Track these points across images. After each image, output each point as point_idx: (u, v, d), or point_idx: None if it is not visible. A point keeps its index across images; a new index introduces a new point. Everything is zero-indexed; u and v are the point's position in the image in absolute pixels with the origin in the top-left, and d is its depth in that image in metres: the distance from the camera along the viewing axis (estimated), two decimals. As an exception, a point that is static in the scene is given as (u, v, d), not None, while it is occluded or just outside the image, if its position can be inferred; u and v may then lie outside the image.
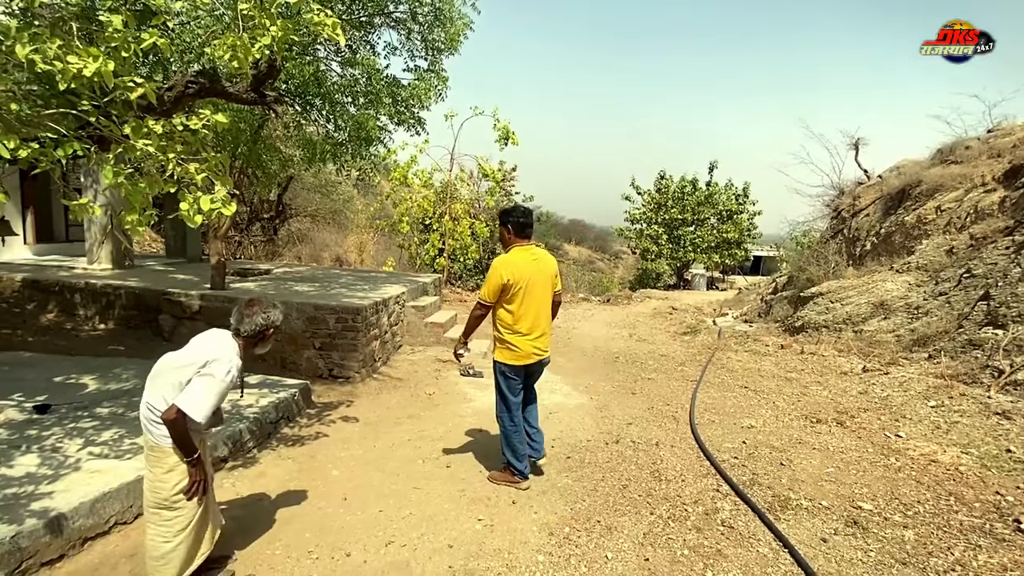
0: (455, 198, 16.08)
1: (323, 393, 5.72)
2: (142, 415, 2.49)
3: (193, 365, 2.40)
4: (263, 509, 3.49)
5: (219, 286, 6.59)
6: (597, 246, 52.97)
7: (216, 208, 3.24)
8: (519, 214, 3.65)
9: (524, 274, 3.56)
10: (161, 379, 2.44)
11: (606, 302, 15.42)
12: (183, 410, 2.32)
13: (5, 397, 4.45)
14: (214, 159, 3.36)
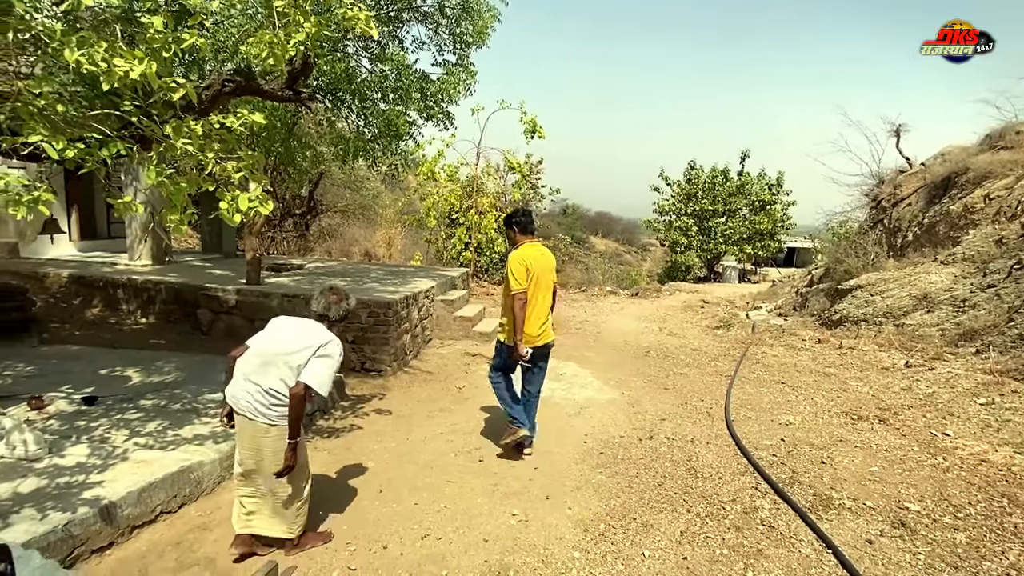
0: (481, 192, 16.08)
1: (356, 386, 5.80)
2: (255, 402, 2.68)
3: (308, 349, 2.67)
4: (301, 500, 3.55)
5: (255, 281, 6.72)
6: (624, 239, 52.43)
7: (254, 206, 3.30)
8: (521, 215, 4.10)
9: (536, 265, 3.93)
10: (275, 367, 2.68)
11: (634, 295, 15.26)
12: (311, 386, 2.61)
13: (55, 389, 4.63)
14: (251, 157, 3.41)
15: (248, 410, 2.70)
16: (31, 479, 3.19)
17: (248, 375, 2.71)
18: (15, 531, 2.65)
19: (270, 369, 2.68)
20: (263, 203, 3.32)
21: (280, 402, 2.68)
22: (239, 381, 2.74)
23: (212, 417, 4.28)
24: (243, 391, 2.71)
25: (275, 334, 2.81)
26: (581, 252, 39.09)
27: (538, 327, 4.02)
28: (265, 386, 2.67)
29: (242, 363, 2.76)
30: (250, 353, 2.77)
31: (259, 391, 2.67)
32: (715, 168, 22.15)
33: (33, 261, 7.72)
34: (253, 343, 2.83)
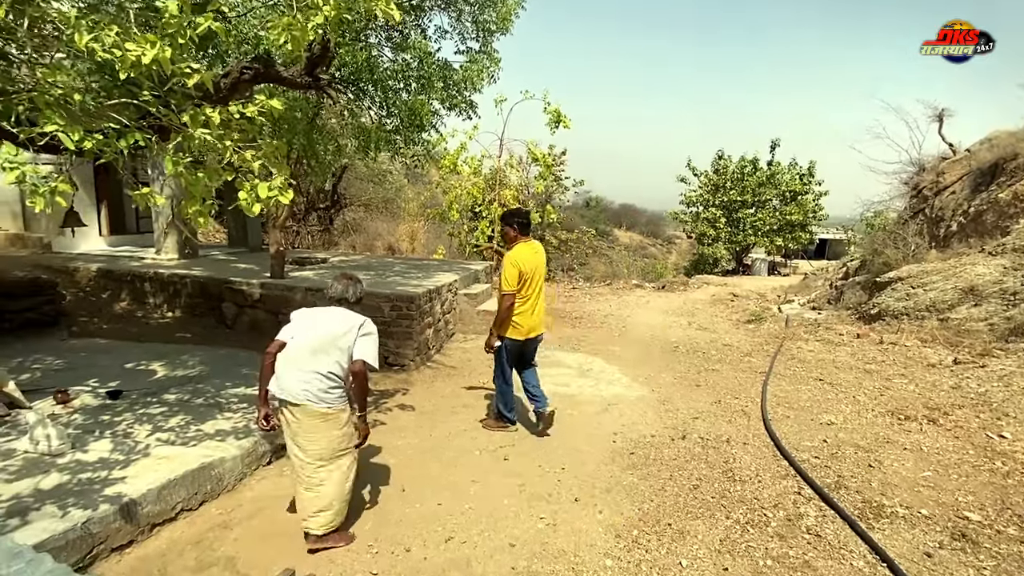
0: (504, 184, 15.91)
1: (379, 381, 5.71)
2: (314, 389, 2.78)
3: (353, 330, 2.85)
4: (322, 499, 3.46)
5: (279, 275, 6.69)
6: (649, 231, 51.72)
7: (274, 196, 3.19)
8: (522, 216, 4.29)
9: (531, 265, 4.16)
10: (328, 353, 2.81)
11: (661, 288, 14.94)
12: (367, 361, 2.83)
13: (82, 382, 4.64)
14: (270, 146, 3.30)
15: (306, 398, 2.78)
16: (53, 475, 3.16)
17: (303, 365, 2.79)
18: (34, 528, 2.60)
19: (324, 355, 2.80)
20: (283, 192, 3.22)
21: (337, 384, 2.84)
22: (292, 373, 2.79)
23: (235, 412, 4.24)
24: (299, 381, 2.78)
25: (316, 322, 2.90)
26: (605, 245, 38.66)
27: (536, 321, 4.33)
28: (324, 371, 2.78)
29: (291, 357, 2.82)
30: (298, 345, 2.83)
31: (317, 377, 2.78)
32: (744, 158, 21.57)
33: (64, 256, 7.84)
34: (294, 335, 2.88)
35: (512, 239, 4.23)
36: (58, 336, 5.97)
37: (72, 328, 6.14)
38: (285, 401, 2.83)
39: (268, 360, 2.87)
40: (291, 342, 2.86)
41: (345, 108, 6.33)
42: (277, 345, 2.89)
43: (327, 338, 2.82)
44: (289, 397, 2.80)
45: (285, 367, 2.81)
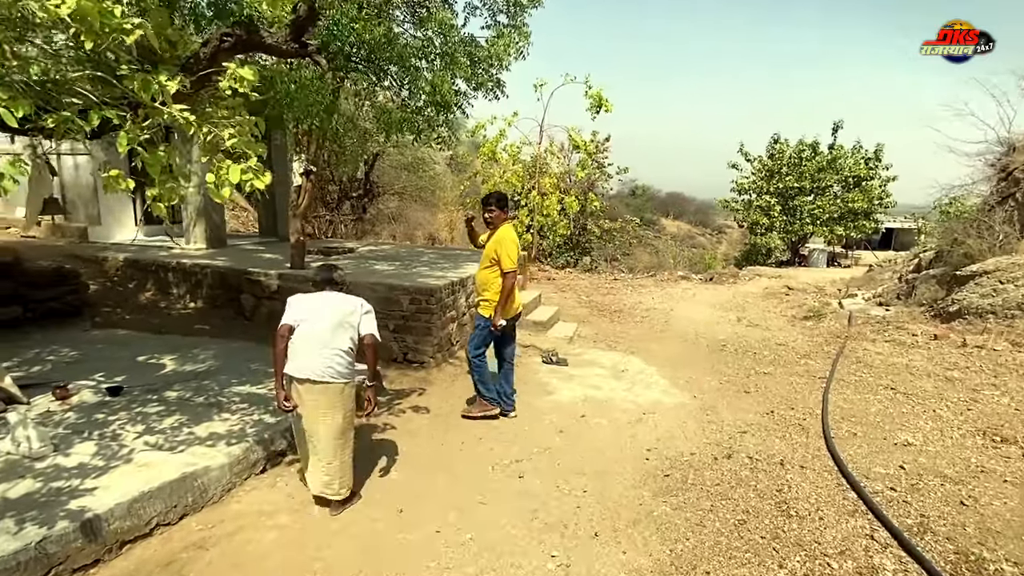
0: (544, 172, 15.34)
1: (396, 379, 5.36)
2: (335, 365, 2.98)
3: (356, 312, 3.09)
4: (308, 519, 3.11)
5: (298, 266, 6.43)
6: (697, 220, 49.96)
7: (248, 179, 2.83)
8: (506, 198, 4.59)
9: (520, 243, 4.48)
10: (345, 331, 3.04)
11: (708, 280, 14.07)
12: (375, 335, 3.12)
13: (88, 376, 4.47)
14: (244, 122, 2.93)
15: (328, 375, 2.97)
16: (26, 481, 2.92)
17: (325, 343, 2.97)
18: (-22, 550, 2.34)
19: (342, 332, 3.02)
20: (259, 176, 2.85)
21: (351, 360, 3.08)
22: (314, 352, 2.96)
23: (233, 413, 3.95)
24: (322, 358, 2.96)
25: (325, 304, 3.08)
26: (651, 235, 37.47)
27: (518, 300, 4.57)
28: (343, 348, 3.01)
29: (312, 337, 2.98)
30: (317, 327, 3.00)
31: (337, 353, 2.99)
32: (802, 141, 20.12)
33: (98, 245, 7.87)
34: (305, 318, 3.03)
35: (499, 221, 4.36)
36: (81, 326, 5.90)
37: (95, 318, 6.06)
38: (305, 380, 2.97)
39: (282, 344, 3.00)
40: (305, 324, 3.00)
41: (361, 87, 5.96)
42: (287, 328, 3.02)
43: (341, 317, 3.04)
44: (314, 376, 2.95)
45: (307, 347, 2.97)
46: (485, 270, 4.35)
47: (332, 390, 3.02)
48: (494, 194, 4.49)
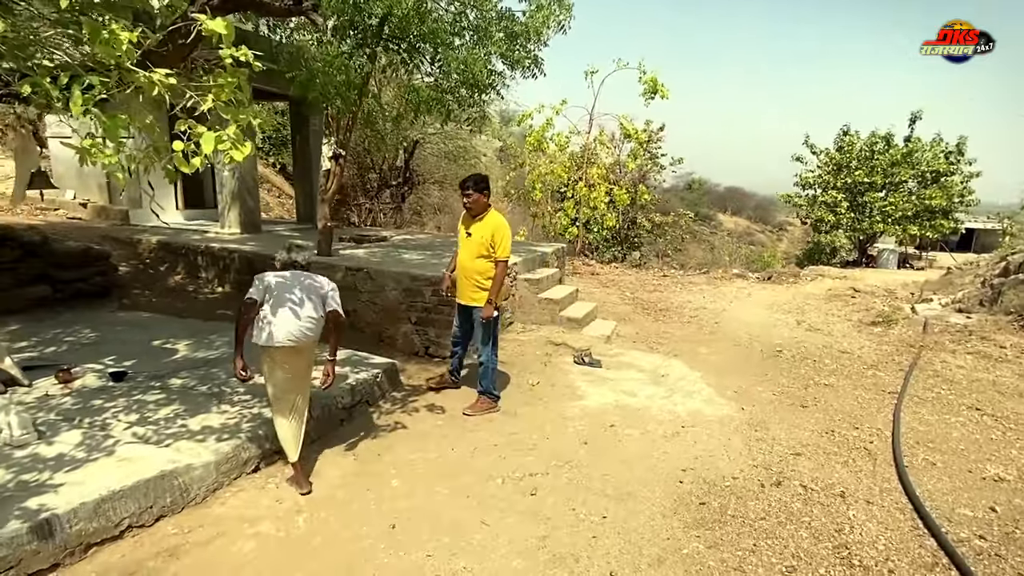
0: (592, 162, 14.74)
1: (416, 374, 5.04)
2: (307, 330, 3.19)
3: (322, 288, 3.28)
4: (293, 529, 2.80)
5: (325, 252, 6.23)
6: (757, 216, 47.76)
7: (224, 149, 2.52)
8: (487, 180, 4.29)
9: None
10: (311, 301, 3.21)
11: (767, 280, 13.12)
12: (340, 312, 3.27)
13: (99, 359, 4.36)
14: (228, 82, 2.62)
15: (303, 338, 3.18)
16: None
17: (298, 314, 3.15)
18: (-85, 551, 2.13)
19: (309, 306, 3.20)
20: (238, 145, 2.53)
21: (319, 330, 3.28)
22: (291, 319, 3.13)
23: (233, 405, 3.72)
24: (298, 324, 3.14)
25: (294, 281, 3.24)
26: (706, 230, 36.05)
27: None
28: (317, 316, 3.23)
29: (284, 309, 3.13)
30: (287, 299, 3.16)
31: (312, 320, 3.20)
32: (874, 134, 18.58)
33: (136, 228, 7.95)
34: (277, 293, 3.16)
35: (484, 206, 4.18)
36: (108, 308, 5.89)
37: (123, 300, 6.05)
38: (283, 346, 3.11)
39: (248, 317, 3.14)
40: (277, 298, 3.14)
41: (387, 65, 5.64)
42: (253, 302, 3.13)
43: (309, 292, 3.24)
44: (290, 341, 3.11)
45: (283, 317, 3.12)
46: (481, 259, 4.15)
47: (309, 349, 3.30)
48: (472, 176, 4.26)
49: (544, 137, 14.55)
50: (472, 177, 4.23)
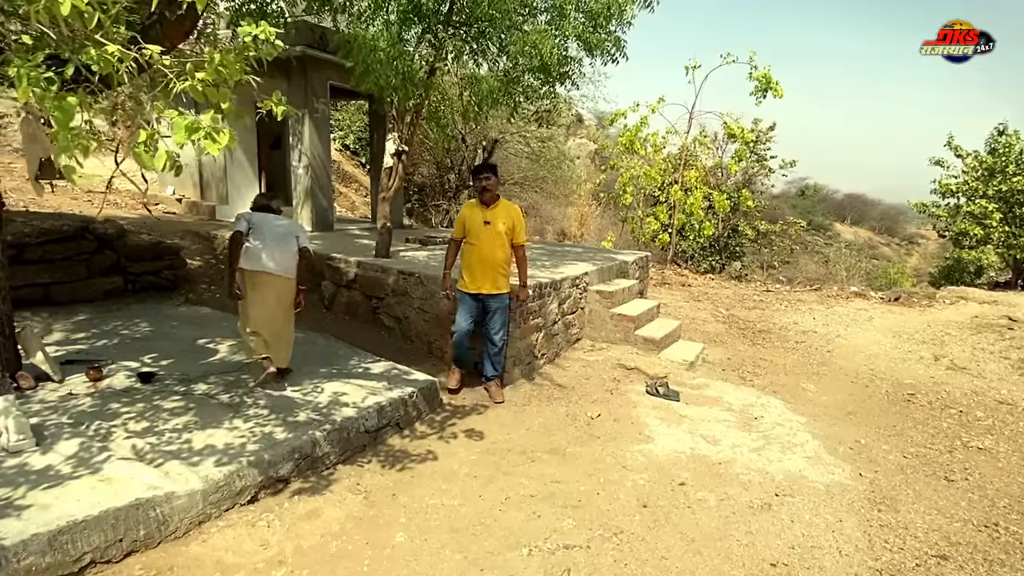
0: (690, 164, 13.57)
1: (461, 392, 4.50)
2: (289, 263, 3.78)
3: (296, 227, 3.99)
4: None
5: (383, 253, 5.88)
6: (882, 227, 43.01)
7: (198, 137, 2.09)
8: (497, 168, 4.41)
9: None
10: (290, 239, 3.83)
11: (893, 301, 11.24)
12: (309, 248, 3.97)
13: (139, 356, 4.24)
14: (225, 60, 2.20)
15: (286, 269, 3.75)
16: (-22, 483, 2.52)
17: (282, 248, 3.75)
18: None
19: (289, 241, 3.80)
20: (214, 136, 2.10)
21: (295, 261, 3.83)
22: (276, 252, 3.71)
23: (248, 420, 3.36)
24: (281, 256, 3.72)
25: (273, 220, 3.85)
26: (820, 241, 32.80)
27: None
28: (293, 250, 3.80)
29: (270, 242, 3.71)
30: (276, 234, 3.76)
31: (292, 254, 3.79)
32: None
33: (219, 223, 8.14)
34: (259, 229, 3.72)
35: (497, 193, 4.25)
36: (174, 301, 5.92)
37: (189, 295, 6.07)
38: (270, 273, 3.69)
39: (239, 247, 3.68)
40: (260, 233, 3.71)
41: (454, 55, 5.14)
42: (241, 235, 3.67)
43: (285, 230, 3.82)
44: (278, 270, 3.71)
45: (270, 249, 3.70)
46: (504, 247, 4.20)
47: (284, 281, 3.78)
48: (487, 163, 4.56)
49: (637, 137, 13.60)
50: (487, 163, 4.37)
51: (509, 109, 5.40)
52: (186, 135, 2.05)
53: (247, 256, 3.66)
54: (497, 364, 4.38)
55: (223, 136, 2.10)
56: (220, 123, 2.11)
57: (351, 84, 5.09)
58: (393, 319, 5.36)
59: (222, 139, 2.09)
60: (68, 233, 5.30)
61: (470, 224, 4.22)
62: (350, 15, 5.23)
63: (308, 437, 3.22)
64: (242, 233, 3.66)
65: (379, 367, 4.38)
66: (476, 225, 4.19)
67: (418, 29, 5.30)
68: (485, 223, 4.16)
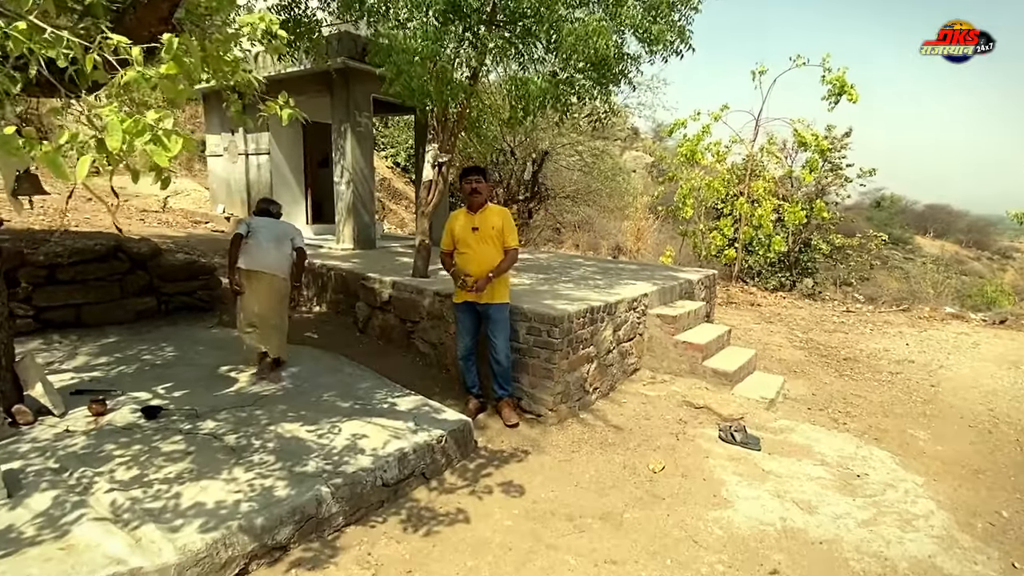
0: (756, 174, 12.61)
1: (497, 434, 3.93)
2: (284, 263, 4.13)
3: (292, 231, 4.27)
4: None
5: (420, 273, 5.42)
6: (970, 240, 39.58)
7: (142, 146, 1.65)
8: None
9: None
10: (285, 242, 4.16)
11: (998, 323, 9.80)
12: (304, 249, 4.27)
13: (153, 386, 3.92)
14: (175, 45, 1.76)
15: (279, 269, 4.09)
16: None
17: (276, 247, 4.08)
18: None
19: (284, 243, 4.14)
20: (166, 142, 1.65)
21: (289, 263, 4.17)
22: (271, 253, 4.05)
23: (250, 469, 2.91)
24: (277, 256, 4.08)
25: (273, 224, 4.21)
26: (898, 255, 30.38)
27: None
28: (287, 252, 4.15)
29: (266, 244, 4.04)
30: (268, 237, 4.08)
31: (285, 256, 4.13)
32: None
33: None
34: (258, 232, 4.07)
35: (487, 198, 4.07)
36: (207, 323, 5.68)
37: (223, 316, 5.81)
38: (265, 273, 4.01)
39: (237, 248, 3.99)
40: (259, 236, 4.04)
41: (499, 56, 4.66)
42: (240, 237, 4.01)
43: (282, 234, 4.17)
44: (270, 270, 4.03)
45: (265, 250, 4.02)
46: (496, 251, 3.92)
47: (277, 281, 4.07)
48: (475, 166, 4.26)
49: (699, 147, 12.78)
50: (476, 167, 4.13)
51: (558, 113, 4.84)
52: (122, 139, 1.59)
53: (245, 256, 4.00)
54: (505, 383, 4.05)
55: (174, 142, 1.63)
56: (170, 124, 1.64)
57: (383, 90, 4.69)
58: (428, 345, 4.87)
59: (173, 146, 1.63)
60: (100, 253, 5.14)
61: (458, 233, 3.97)
62: (385, 18, 4.85)
63: (314, 494, 2.72)
64: (242, 236, 4.02)
65: (407, 402, 3.87)
66: (464, 233, 3.94)
67: (458, 29, 4.86)
68: (473, 229, 3.91)
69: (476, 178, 3.93)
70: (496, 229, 3.90)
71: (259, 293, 4.04)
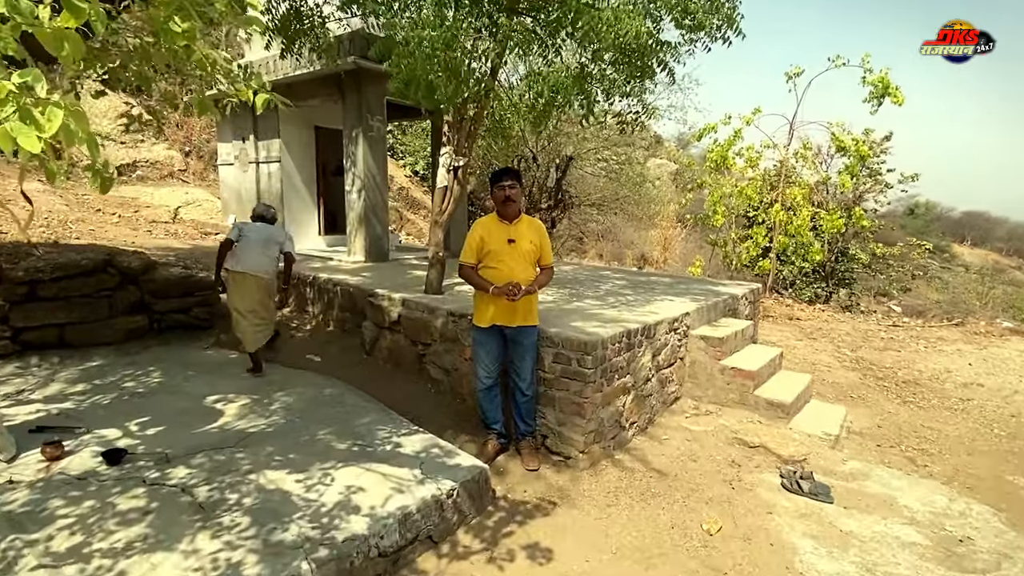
0: (792, 181, 11.90)
1: (520, 481, 3.35)
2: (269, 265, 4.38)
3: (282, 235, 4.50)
4: None
5: (434, 289, 4.87)
6: (1011, 248, 37.82)
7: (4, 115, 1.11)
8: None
9: None
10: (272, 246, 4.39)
11: (1067, 341, 8.93)
12: (293, 254, 4.53)
13: (125, 421, 3.44)
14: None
15: (263, 271, 4.34)
16: None
17: (264, 252, 4.34)
18: None
19: (272, 247, 4.39)
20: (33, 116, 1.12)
21: (276, 265, 4.46)
22: (256, 254, 4.30)
23: (219, 536, 2.38)
24: (262, 258, 4.33)
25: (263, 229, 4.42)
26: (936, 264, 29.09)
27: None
28: (272, 255, 4.40)
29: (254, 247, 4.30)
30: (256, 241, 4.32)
31: (270, 259, 4.39)
32: None
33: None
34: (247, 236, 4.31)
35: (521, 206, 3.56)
36: (203, 343, 5.23)
37: (221, 335, 5.35)
38: (251, 273, 4.28)
39: (226, 250, 4.33)
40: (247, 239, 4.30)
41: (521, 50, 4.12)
42: (230, 241, 4.29)
43: (271, 238, 4.40)
44: (257, 271, 4.30)
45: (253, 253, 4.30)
46: (531, 269, 3.45)
47: (264, 282, 4.38)
48: (508, 168, 3.71)
49: (729, 153, 12.13)
50: (509, 169, 3.65)
51: (584, 111, 4.28)
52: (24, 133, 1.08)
53: (232, 258, 4.28)
54: (529, 417, 3.54)
55: (53, 116, 1.11)
56: (43, 90, 1.12)
57: (390, 87, 4.20)
58: (441, 370, 4.33)
59: (52, 121, 1.11)
60: (87, 268, 4.72)
61: (490, 244, 3.38)
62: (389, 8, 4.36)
63: (289, 574, 2.18)
64: (230, 242, 4.28)
65: (414, 442, 3.32)
66: (498, 245, 3.37)
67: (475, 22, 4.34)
68: (509, 241, 3.37)
69: (511, 183, 3.38)
70: (535, 245, 3.44)
71: (245, 291, 4.30)
